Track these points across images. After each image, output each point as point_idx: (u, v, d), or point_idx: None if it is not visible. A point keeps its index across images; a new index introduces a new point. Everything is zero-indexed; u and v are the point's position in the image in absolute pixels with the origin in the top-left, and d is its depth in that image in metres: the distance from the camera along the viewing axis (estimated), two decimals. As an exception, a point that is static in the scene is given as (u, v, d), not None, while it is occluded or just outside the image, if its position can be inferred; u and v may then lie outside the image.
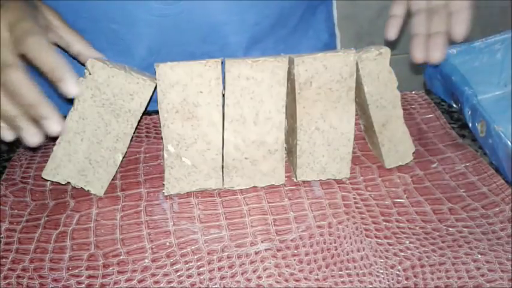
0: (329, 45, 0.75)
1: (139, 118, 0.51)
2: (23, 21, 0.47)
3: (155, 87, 0.49)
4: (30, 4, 0.51)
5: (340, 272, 0.44)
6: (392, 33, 0.58)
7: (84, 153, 0.51)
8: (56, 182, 0.52)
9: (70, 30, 0.55)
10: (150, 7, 0.59)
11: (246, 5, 0.63)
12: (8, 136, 0.47)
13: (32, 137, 0.46)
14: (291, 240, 0.47)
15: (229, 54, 0.48)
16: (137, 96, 0.50)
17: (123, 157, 0.52)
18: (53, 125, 0.45)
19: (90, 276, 0.45)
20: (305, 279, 0.44)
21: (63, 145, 0.50)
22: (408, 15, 0.58)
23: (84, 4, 0.60)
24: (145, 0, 0.59)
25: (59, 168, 0.51)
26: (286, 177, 0.53)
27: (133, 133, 0.52)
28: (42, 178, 0.52)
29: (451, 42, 0.55)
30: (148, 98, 0.50)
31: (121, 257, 0.46)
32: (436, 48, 0.52)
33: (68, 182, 0.52)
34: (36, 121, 0.45)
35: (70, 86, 0.45)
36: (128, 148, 0.52)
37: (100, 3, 0.60)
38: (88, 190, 0.52)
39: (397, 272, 0.44)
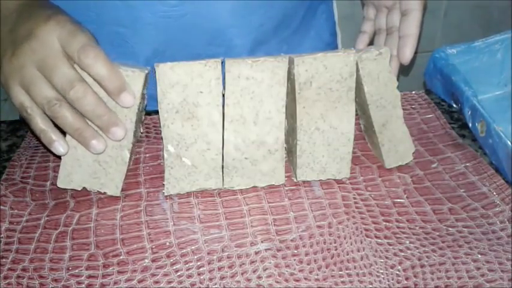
0: (331, 45, 0.76)
1: (137, 111, 0.50)
2: (78, 34, 0.47)
3: (145, 77, 0.49)
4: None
5: (340, 272, 0.44)
6: (360, 47, 0.64)
7: (92, 156, 0.50)
8: (69, 188, 0.52)
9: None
10: (156, 9, 0.59)
11: (251, 7, 0.63)
12: (62, 150, 0.49)
13: (101, 144, 0.49)
14: (291, 240, 0.47)
15: (234, 56, 0.49)
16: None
17: (131, 154, 0.52)
18: (121, 131, 0.49)
19: (90, 276, 0.45)
20: (305, 279, 0.44)
21: (70, 151, 0.50)
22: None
23: (89, 7, 0.60)
24: (151, 1, 0.59)
25: (71, 175, 0.51)
26: (286, 177, 0.53)
27: (136, 127, 0.51)
28: (43, 178, 0.52)
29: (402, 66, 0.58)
30: (141, 89, 0.50)
31: (121, 257, 0.46)
32: None
33: (84, 188, 0.52)
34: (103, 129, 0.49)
35: (128, 97, 0.48)
36: (133, 144, 0.51)
37: (105, 6, 0.60)
38: (104, 192, 0.52)
39: (397, 272, 0.44)
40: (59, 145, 0.48)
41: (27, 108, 0.48)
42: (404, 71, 0.54)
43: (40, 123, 0.48)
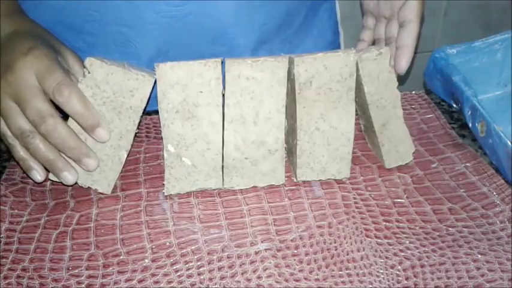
0: (333, 44, 0.76)
1: (141, 114, 0.51)
2: (54, 72, 0.49)
3: (154, 83, 0.49)
4: (52, 48, 0.52)
5: (340, 272, 0.44)
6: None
7: None
8: (59, 182, 0.52)
9: None
10: (159, 9, 0.60)
11: (254, 6, 0.63)
12: (39, 178, 0.51)
13: (72, 176, 0.50)
14: (291, 240, 0.47)
15: (237, 55, 0.49)
16: (137, 93, 0.50)
17: (128, 154, 0.52)
18: (92, 162, 0.50)
19: (90, 276, 0.45)
20: (305, 279, 0.44)
21: None
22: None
23: (92, 7, 0.60)
24: (154, 1, 0.59)
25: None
26: (286, 177, 0.53)
27: (136, 129, 0.51)
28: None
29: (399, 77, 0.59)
30: (149, 94, 0.50)
31: (121, 257, 0.46)
32: None
33: (75, 182, 0.52)
34: (76, 161, 0.50)
35: (102, 132, 0.49)
36: (131, 145, 0.52)
37: (108, 6, 0.60)
38: (95, 189, 0.52)
39: (397, 272, 0.44)
40: (36, 173, 0.51)
41: (8, 137, 0.50)
42: (400, 80, 0.55)
43: (20, 151, 0.50)
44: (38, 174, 0.51)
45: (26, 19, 0.58)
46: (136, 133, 0.52)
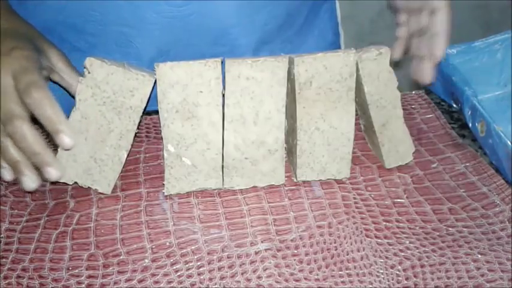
0: (334, 44, 0.76)
1: (141, 114, 0.51)
2: (28, 73, 0.48)
3: (155, 83, 0.50)
4: (35, 48, 0.52)
5: (340, 272, 0.44)
6: (397, 54, 0.66)
7: (89, 152, 0.51)
8: (59, 182, 0.52)
9: (73, 72, 0.56)
10: (160, 9, 0.60)
11: (256, 6, 0.63)
12: (8, 177, 0.50)
13: (32, 182, 0.49)
14: (291, 240, 0.47)
15: (238, 56, 0.49)
16: (137, 92, 0.50)
17: (128, 154, 0.52)
18: (54, 172, 0.48)
19: (90, 276, 0.45)
20: (305, 279, 0.44)
21: None
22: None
23: (93, 7, 0.60)
24: (156, 1, 0.59)
25: (65, 169, 0.51)
26: (286, 177, 0.53)
27: (136, 129, 0.51)
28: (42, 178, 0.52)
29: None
30: (149, 94, 0.50)
31: (121, 257, 0.46)
32: (423, 74, 0.59)
33: (75, 182, 0.52)
34: (37, 167, 0.49)
35: (65, 138, 0.48)
36: (131, 145, 0.52)
37: (109, 6, 0.60)
38: (95, 189, 0.52)
39: (397, 272, 0.44)
40: (5, 172, 0.50)
41: None
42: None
43: None
44: (8, 174, 0.50)
45: (16, 17, 0.57)
46: (136, 133, 0.52)
